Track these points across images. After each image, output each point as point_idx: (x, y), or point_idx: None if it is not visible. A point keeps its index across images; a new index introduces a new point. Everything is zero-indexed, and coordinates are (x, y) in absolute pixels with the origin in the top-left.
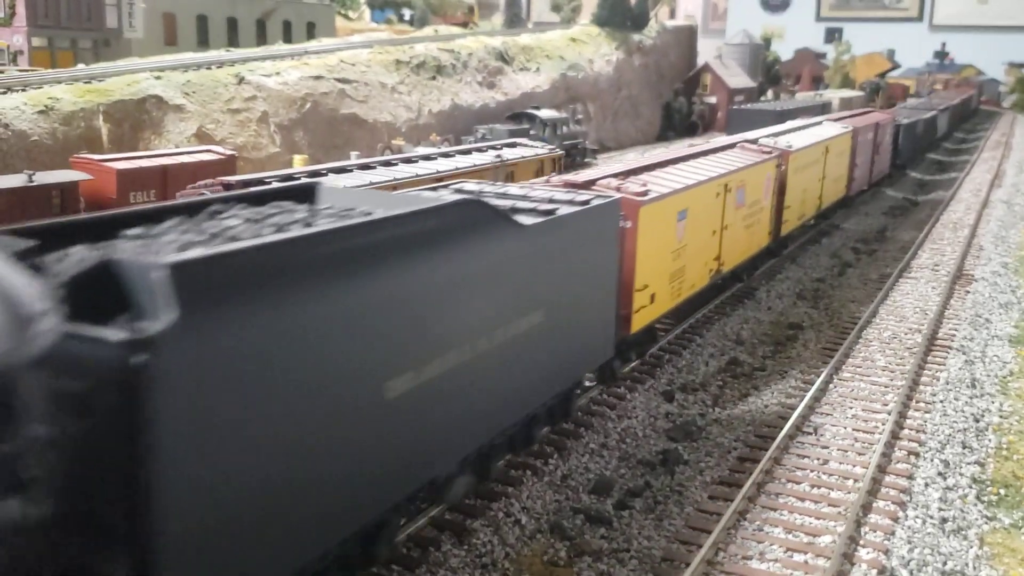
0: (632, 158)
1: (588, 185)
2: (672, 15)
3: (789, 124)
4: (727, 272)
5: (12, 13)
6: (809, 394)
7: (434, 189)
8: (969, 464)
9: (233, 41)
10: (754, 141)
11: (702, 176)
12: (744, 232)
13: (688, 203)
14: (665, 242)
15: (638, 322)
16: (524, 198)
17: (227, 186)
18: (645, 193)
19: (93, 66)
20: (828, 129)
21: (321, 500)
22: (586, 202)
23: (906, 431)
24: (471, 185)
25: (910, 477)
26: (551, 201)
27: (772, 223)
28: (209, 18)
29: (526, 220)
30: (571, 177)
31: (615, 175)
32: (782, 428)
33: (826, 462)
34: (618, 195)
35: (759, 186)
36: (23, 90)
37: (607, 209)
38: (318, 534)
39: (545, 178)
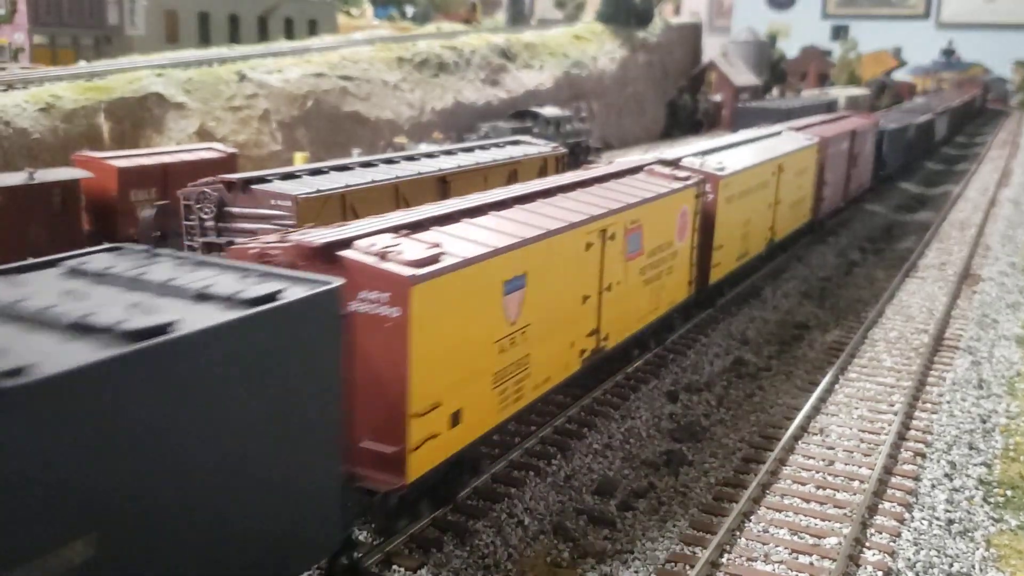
0: (635, 155)
1: (334, 251)
2: (677, 12)
3: (735, 137)
4: (616, 347)
5: (13, 10)
6: (815, 394)
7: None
8: (976, 465)
9: (235, 38)
10: (673, 162)
11: (556, 223)
12: (643, 290)
13: (527, 264)
14: (479, 329)
15: (423, 462)
16: (156, 293)
17: (228, 184)
18: (429, 261)
19: (94, 63)
20: (786, 142)
21: None
22: (267, 297)
23: (912, 432)
24: (104, 259)
25: (916, 478)
26: (199, 297)
27: (694, 270)
28: (211, 15)
29: (72, 357)
30: (310, 239)
31: (398, 228)
32: (787, 429)
33: (832, 463)
34: (334, 282)
35: (668, 224)
36: (24, 88)
37: (311, 306)
38: None
39: (279, 235)
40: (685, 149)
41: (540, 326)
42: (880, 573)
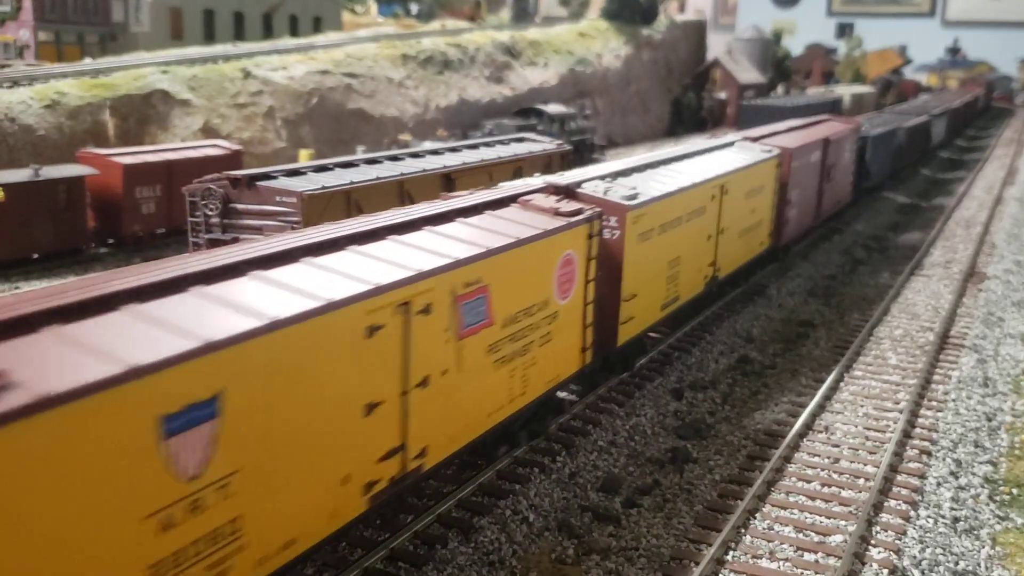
0: (639, 152)
1: None
2: (681, 9)
3: (666, 152)
4: (445, 461)
5: (18, 7)
6: (820, 392)
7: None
8: (982, 463)
9: (239, 35)
10: (566, 189)
11: (305, 302)
12: (496, 374)
13: (221, 380)
14: (101, 506)
15: None
16: None
17: (233, 180)
18: None
19: (99, 60)
20: (734, 157)
21: None
22: None
23: (918, 430)
24: None
25: (922, 476)
26: None
27: (590, 332)
28: (215, 12)
29: None
30: None
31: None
32: (792, 426)
33: (837, 461)
34: None
35: (540, 278)
36: (29, 84)
37: None
38: None
39: None
40: (597, 169)
41: (262, 468)
42: (886, 571)
